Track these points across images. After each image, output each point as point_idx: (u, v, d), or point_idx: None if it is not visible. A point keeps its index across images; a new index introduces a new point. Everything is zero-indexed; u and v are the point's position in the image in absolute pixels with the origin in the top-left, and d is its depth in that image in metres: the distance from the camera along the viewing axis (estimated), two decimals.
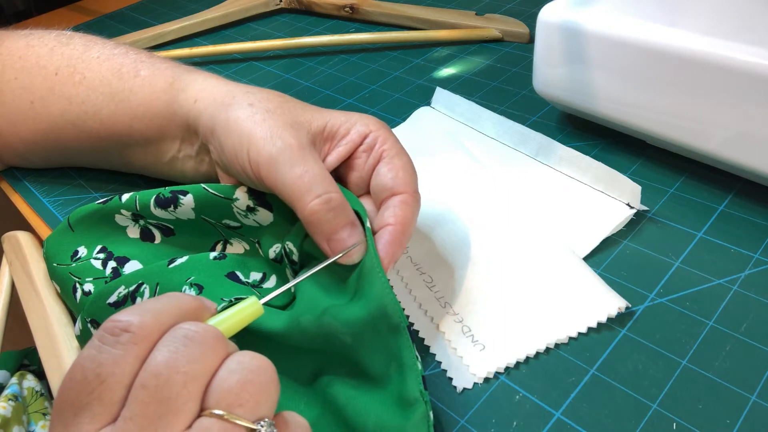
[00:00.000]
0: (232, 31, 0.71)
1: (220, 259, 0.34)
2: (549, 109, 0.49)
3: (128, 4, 0.84)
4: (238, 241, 0.36)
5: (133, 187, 0.45)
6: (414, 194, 0.32)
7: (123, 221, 0.36)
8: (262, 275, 0.34)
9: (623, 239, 0.37)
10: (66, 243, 0.36)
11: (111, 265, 0.35)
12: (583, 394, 0.29)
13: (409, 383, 0.28)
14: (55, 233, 0.37)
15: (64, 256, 0.36)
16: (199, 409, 0.21)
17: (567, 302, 0.33)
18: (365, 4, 0.68)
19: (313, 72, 0.60)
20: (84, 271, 0.35)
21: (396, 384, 0.28)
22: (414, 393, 0.27)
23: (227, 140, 0.33)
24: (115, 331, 0.21)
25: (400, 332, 0.28)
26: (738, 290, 0.33)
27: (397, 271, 0.36)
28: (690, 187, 0.40)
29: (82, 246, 0.36)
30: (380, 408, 0.28)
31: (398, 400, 0.28)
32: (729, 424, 0.27)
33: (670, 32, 0.36)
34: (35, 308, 0.37)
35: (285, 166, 0.30)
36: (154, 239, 0.36)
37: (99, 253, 0.36)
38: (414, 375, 0.28)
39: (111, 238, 0.36)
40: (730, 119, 0.35)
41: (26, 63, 0.43)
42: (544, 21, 0.42)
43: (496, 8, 0.66)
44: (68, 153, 0.45)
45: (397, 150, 0.33)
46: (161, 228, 0.36)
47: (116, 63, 0.41)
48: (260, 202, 0.34)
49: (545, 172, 0.41)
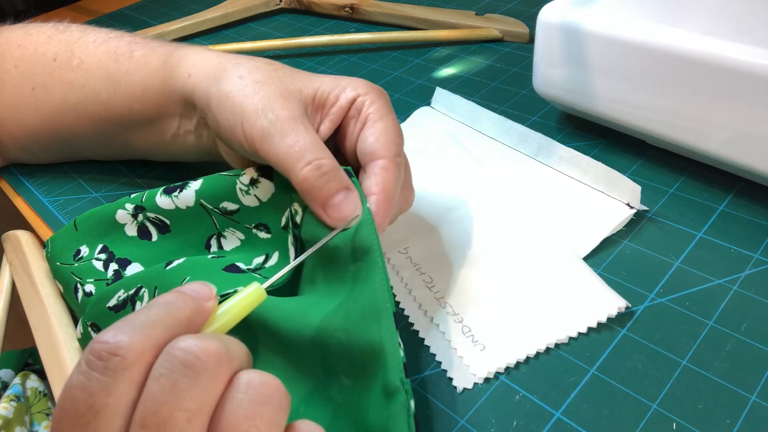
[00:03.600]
0: (232, 31, 0.71)
1: (218, 258, 0.34)
2: (549, 109, 0.49)
3: (128, 4, 0.84)
4: (232, 232, 0.35)
5: (133, 188, 0.45)
6: (394, 158, 0.31)
7: (122, 218, 0.36)
8: (264, 257, 0.34)
9: (623, 239, 0.37)
10: (69, 242, 0.37)
11: (113, 267, 0.35)
12: (583, 394, 0.29)
13: (390, 371, 0.26)
14: (60, 232, 0.37)
15: (67, 256, 0.36)
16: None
17: (567, 302, 0.33)
18: (365, 4, 0.68)
19: (313, 72, 0.60)
20: (85, 271, 0.35)
21: (377, 372, 0.27)
22: (394, 382, 0.26)
23: (221, 115, 0.33)
24: (102, 356, 0.20)
25: (382, 317, 0.27)
26: (738, 290, 0.33)
27: (397, 271, 0.36)
28: (690, 187, 0.40)
29: (84, 245, 0.36)
30: (366, 398, 0.27)
31: (380, 389, 0.27)
32: (729, 424, 0.27)
33: (670, 32, 0.36)
34: (35, 308, 0.37)
35: (277, 137, 0.30)
36: (151, 237, 0.36)
37: (100, 253, 0.36)
38: (395, 363, 0.26)
39: (111, 237, 0.36)
40: (730, 119, 0.35)
41: (25, 51, 0.43)
42: (544, 21, 0.42)
43: (496, 8, 0.66)
44: (70, 140, 0.45)
45: (381, 113, 0.32)
46: (157, 224, 0.36)
47: (111, 46, 0.41)
48: (263, 173, 0.34)
49: (545, 172, 0.41)
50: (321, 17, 0.71)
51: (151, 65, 0.39)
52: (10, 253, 0.42)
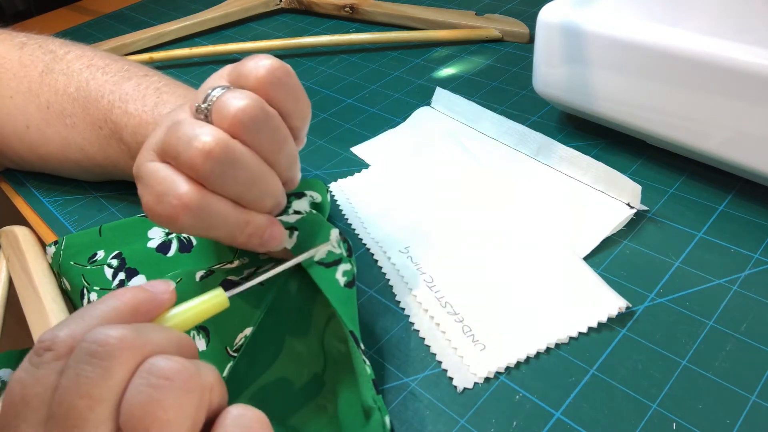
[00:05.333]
0: (232, 31, 0.71)
1: (206, 277, 0.33)
2: (549, 109, 0.49)
3: (128, 4, 0.84)
4: (242, 261, 0.35)
5: (134, 187, 0.45)
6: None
7: (154, 233, 0.36)
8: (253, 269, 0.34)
9: (623, 239, 0.37)
10: (89, 245, 0.37)
11: (120, 276, 0.35)
12: (583, 394, 0.29)
13: (363, 391, 0.27)
14: (81, 233, 0.38)
15: (82, 257, 0.37)
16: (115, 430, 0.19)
17: (567, 302, 0.33)
18: (365, 4, 0.68)
19: (313, 72, 0.60)
20: (95, 278, 0.35)
21: (356, 392, 0.28)
22: (367, 401, 0.27)
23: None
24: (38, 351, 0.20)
25: (347, 338, 0.28)
26: (738, 290, 0.33)
27: (397, 270, 0.36)
28: (690, 187, 0.40)
29: (102, 250, 0.37)
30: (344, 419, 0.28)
31: (362, 409, 0.28)
32: (729, 424, 0.27)
33: (670, 32, 0.36)
34: (33, 305, 0.37)
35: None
36: (168, 252, 0.36)
37: (113, 259, 0.36)
38: (365, 381, 0.27)
39: (131, 246, 0.36)
40: (730, 119, 0.35)
41: (20, 85, 0.43)
42: (544, 21, 0.42)
43: (496, 8, 0.66)
44: (70, 173, 0.45)
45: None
46: (183, 242, 0.36)
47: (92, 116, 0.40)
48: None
49: (545, 172, 0.41)
50: (321, 17, 0.71)
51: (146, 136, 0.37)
52: (7, 248, 0.42)
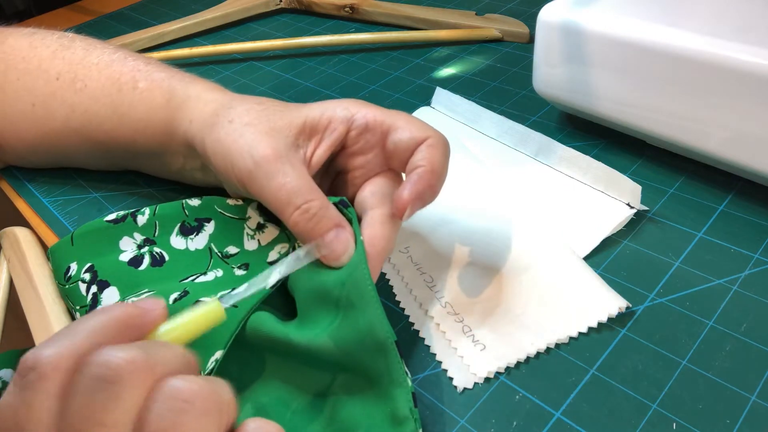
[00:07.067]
0: (232, 31, 0.71)
1: (181, 299, 0.32)
2: (549, 109, 0.49)
3: (128, 4, 0.84)
4: (215, 272, 0.35)
5: (135, 188, 0.45)
6: (437, 135, 0.32)
7: (126, 245, 0.36)
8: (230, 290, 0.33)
9: (623, 239, 0.37)
10: (64, 256, 0.36)
11: (92, 290, 0.34)
12: (583, 394, 0.29)
13: (399, 401, 0.27)
14: (58, 244, 0.37)
15: (59, 273, 0.36)
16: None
17: (567, 302, 0.33)
18: (365, 4, 0.68)
19: (313, 72, 0.60)
20: (74, 297, 0.35)
21: (386, 401, 0.28)
22: (404, 411, 0.27)
23: (215, 161, 0.33)
24: (21, 372, 0.19)
25: (388, 349, 0.28)
26: (738, 290, 0.33)
27: (397, 271, 0.36)
28: (690, 187, 0.40)
29: (74, 262, 0.36)
30: (370, 423, 0.28)
31: (389, 417, 0.27)
32: (729, 424, 0.27)
33: (670, 32, 0.36)
34: (34, 307, 0.37)
35: (264, 180, 0.31)
36: (140, 266, 0.35)
37: (86, 273, 0.35)
38: (404, 392, 0.27)
39: (102, 258, 0.35)
40: (730, 119, 0.35)
41: (29, 65, 0.43)
42: (544, 21, 0.42)
43: (496, 8, 0.66)
44: (71, 157, 0.46)
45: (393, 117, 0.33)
46: (155, 257, 0.35)
47: (115, 71, 0.41)
48: (269, 218, 0.34)
49: (545, 172, 0.41)
50: (321, 17, 0.71)
51: (155, 102, 0.38)
52: (7, 249, 0.42)
